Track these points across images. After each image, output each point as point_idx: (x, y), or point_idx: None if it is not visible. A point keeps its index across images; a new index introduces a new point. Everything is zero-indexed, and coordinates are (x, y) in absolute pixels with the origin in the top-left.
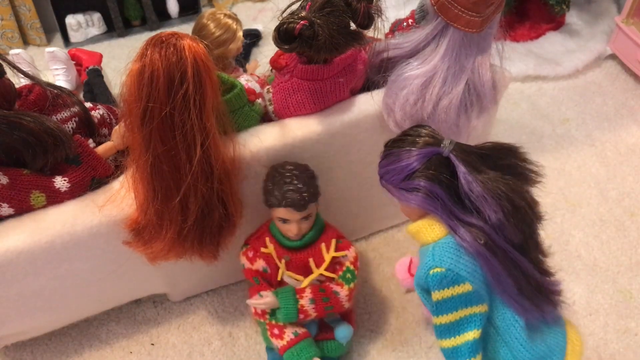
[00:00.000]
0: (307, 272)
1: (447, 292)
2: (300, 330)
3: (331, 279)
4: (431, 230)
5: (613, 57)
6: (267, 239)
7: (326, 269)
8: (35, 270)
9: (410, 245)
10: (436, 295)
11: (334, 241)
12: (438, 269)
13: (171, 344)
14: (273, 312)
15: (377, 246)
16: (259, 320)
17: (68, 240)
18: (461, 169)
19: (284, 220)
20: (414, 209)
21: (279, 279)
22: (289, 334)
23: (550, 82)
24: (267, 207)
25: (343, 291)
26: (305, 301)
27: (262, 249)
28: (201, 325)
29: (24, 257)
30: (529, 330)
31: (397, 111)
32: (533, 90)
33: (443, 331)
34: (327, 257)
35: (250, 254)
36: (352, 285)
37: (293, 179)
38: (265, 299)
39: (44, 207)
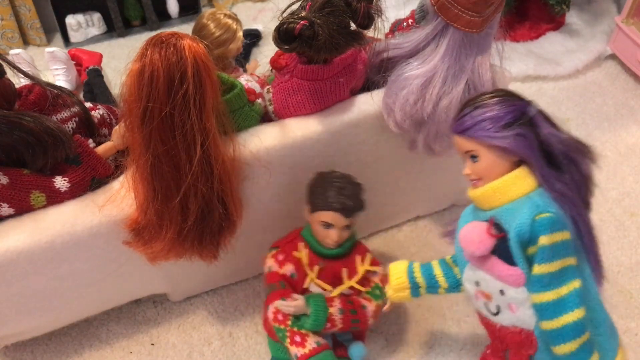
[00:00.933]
0: (336, 282)
1: (558, 236)
2: (322, 341)
3: (358, 292)
4: (524, 181)
5: (613, 57)
6: (302, 244)
7: (357, 282)
8: (35, 270)
9: (410, 245)
10: (546, 239)
11: (369, 255)
12: (546, 214)
13: (171, 344)
14: (297, 319)
15: (377, 246)
16: (279, 327)
17: (68, 240)
18: (547, 128)
19: (328, 225)
20: (502, 160)
21: (305, 286)
22: (311, 342)
23: (550, 82)
24: (312, 209)
25: (371, 306)
26: (334, 310)
27: (295, 253)
28: (201, 325)
29: (24, 257)
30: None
31: (397, 111)
32: (533, 90)
33: (547, 281)
34: (361, 269)
35: (281, 257)
36: (380, 301)
37: (346, 185)
38: (296, 302)
39: (44, 207)
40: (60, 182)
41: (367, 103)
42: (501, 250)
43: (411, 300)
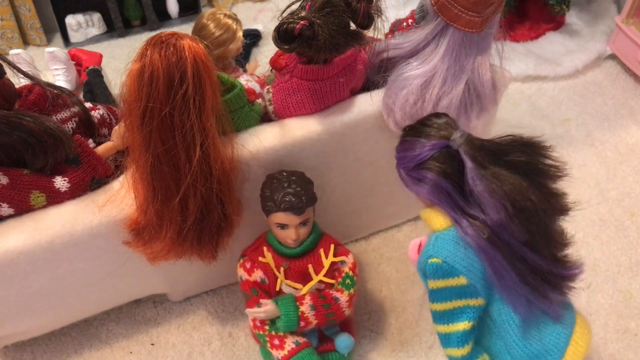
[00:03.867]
0: (305, 280)
1: (441, 283)
2: (302, 340)
3: (330, 285)
4: (436, 219)
5: (613, 57)
6: (265, 249)
7: (325, 275)
8: (35, 270)
9: None
10: (431, 284)
11: (332, 246)
12: (435, 260)
13: (171, 344)
14: (273, 323)
15: (377, 246)
16: (259, 333)
17: (68, 240)
18: (468, 165)
19: (283, 226)
20: (420, 197)
21: (277, 288)
22: (289, 343)
23: (550, 82)
24: (266, 214)
25: (343, 297)
26: (305, 308)
27: (260, 259)
28: (201, 325)
29: (24, 257)
30: (526, 326)
31: (396, 111)
32: (533, 90)
33: (437, 317)
34: (327, 263)
35: (248, 265)
36: (352, 290)
37: (290, 183)
38: (265, 307)
39: (44, 207)
40: (60, 182)
41: (367, 103)
42: None
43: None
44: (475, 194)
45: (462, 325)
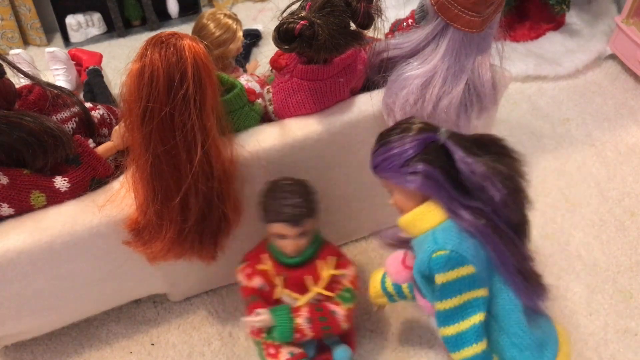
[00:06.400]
0: (304, 290)
1: (452, 274)
2: (297, 351)
3: (329, 298)
4: (430, 215)
5: (613, 57)
6: (265, 256)
7: (324, 288)
8: (35, 270)
9: None
10: (441, 278)
11: (333, 259)
12: (442, 252)
13: (171, 344)
14: (269, 331)
15: (377, 246)
16: (255, 340)
17: (68, 240)
18: (459, 154)
19: (281, 236)
20: (410, 196)
21: (276, 297)
22: (285, 354)
23: (550, 82)
24: (264, 222)
25: (341, 311)
26: (301, 320)
27: (259, 266)
28: (201, 325)
29: (24, 257)
30: (526, 315)
31: (397, 111)
32: (533, 90)
33: (447, 317)
34: (325, 275)
35: (248, 271)
36: (350, 305)
37: (290, 194)
38: (261, 317)
39: (44, 207)
40: (60, 182)
41: (367, 103)
42: None
43: (390, 304)
44: (475, 178)
45: (477, 318)
